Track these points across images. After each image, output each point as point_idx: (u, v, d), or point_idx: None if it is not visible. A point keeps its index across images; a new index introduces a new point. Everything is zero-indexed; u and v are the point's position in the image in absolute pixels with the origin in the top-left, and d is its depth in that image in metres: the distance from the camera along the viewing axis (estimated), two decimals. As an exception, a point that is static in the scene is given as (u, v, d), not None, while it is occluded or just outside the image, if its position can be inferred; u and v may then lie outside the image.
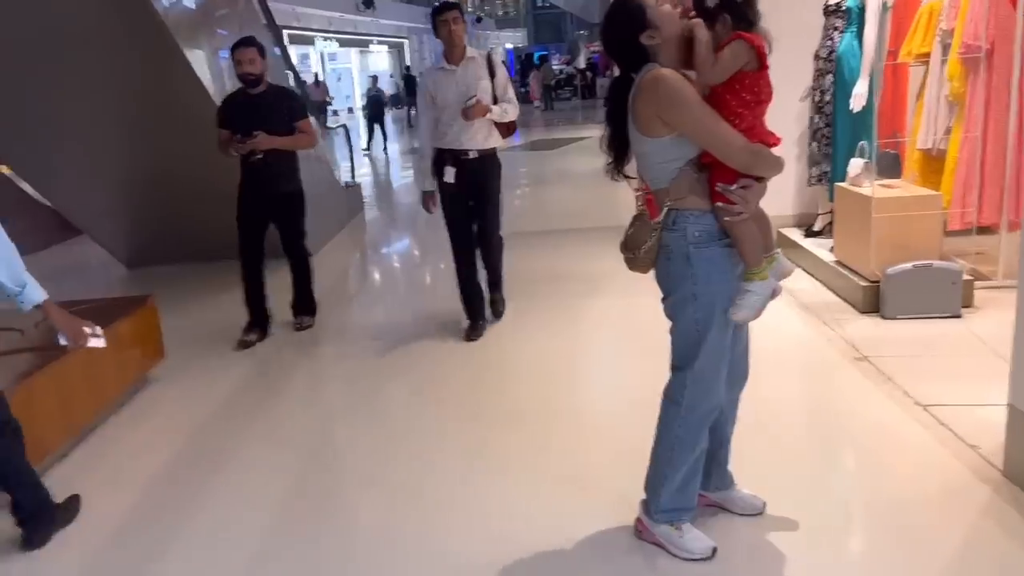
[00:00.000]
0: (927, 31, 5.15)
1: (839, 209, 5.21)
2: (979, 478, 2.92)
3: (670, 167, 2.37)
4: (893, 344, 4.23)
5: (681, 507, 2.60)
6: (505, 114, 4.65)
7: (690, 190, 2.36)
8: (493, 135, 4.68)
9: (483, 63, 4.63)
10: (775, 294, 2.48)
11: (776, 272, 2.56)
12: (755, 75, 2.28)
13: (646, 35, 2.30)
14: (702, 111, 2.27)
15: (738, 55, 2.24)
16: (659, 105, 2.28)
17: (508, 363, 4.51)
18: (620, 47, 2.38)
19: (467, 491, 3.13)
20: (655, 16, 2.28)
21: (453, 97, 4.53)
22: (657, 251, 2.44)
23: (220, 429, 3.88)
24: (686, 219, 2.38)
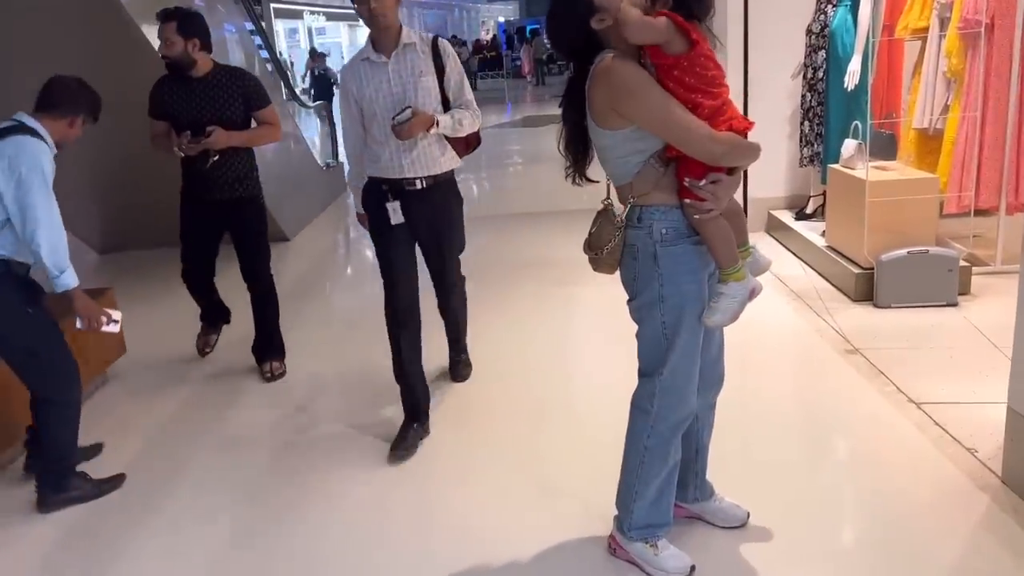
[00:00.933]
0: (924, 5, 4.91)
1: (831, 192, 5.00)
2: (977, 485, 2.75)
3: (632, 161, 2.17)
4: (887, 335, 4.05)
5: (655, 523, 2.42)
6: (459, 126, 3.24)
7: (655, 185, 2.16)
8: (447, 154, 3.30)
9: (426, 52, 3.19)
10: (754, 294, 2.27)
11: (752, 268, 2.37)
12: (690, 57, 2.05)
13: (595, 19, 2.09)
14: (659, 100, 2.06)
15: (660, 28, 2.01)
16: (613, 96, 2.08)
17: (480, 358, 4.31)
18: (570, 40, 2.18)
19: (428, 502, 2.96)
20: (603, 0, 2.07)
21: (386, 102, 3.14)
22: (622, 250, 2.24)
23: (178, 432, 3.69)
24: (652, 215, 2.18)
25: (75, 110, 3.01)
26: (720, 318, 2.22)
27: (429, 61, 3.20)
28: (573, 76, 2.26)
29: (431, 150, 3.23)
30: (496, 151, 12.45)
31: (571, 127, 2.27)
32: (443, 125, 3.18)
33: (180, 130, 3.84)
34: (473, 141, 3.41)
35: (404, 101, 3.11)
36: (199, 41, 3.82)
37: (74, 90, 3.03)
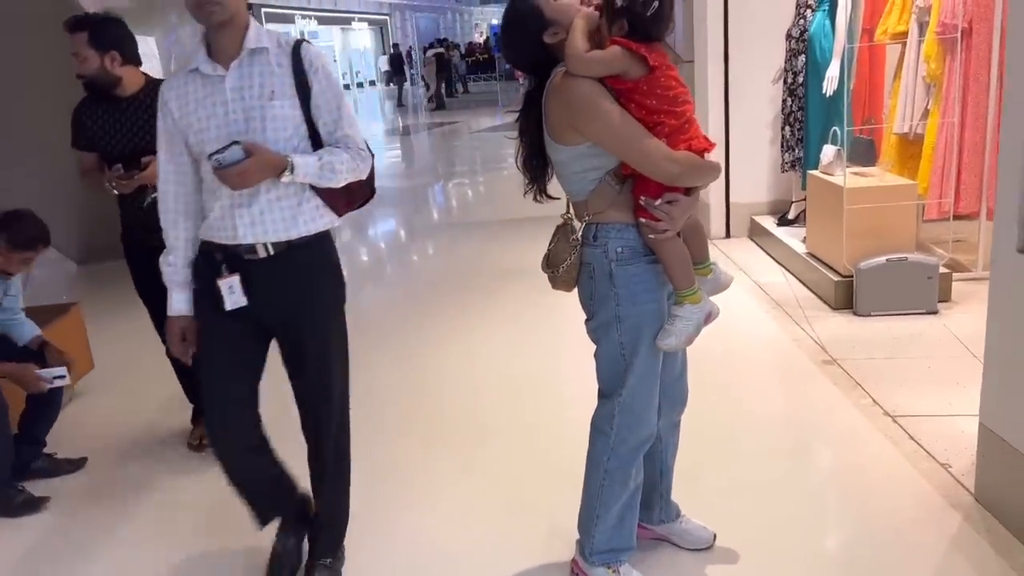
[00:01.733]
0: (903, 9, 4.86)
1: (811, 198, 4.95)
2: (950, 502, 2.69)
3: (588, 177, 2.11)
4: (865, 345, 3.99)
5: (618, 547, 2.36)
6: (331, 174, 2.23)
7: (611, 203, 2.10)
8: (312, 212, 2.29)
9: (284, 64, 2.20)
10: (710, 318, 2.21)
11: (712, 287, 2.31)
12: (649, 80, 1.98)
13: (549, 33, 2.03)
14: (615, 118, 1.99)
15: (612, 60, 1.96)
16: (568, 112, 2.02)
17: (444, 374, 4.25)
18: (526, 55, 2.13)
19: (391, 520, 2.89)
20: (553, 12, 2.02)
21: (219, 133, 2.17)
22: (579, 268, 2.18)
23: (144, 452, 3.62)
24: (607, 234, 2.11)
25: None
26: (674, 341, 2.15)
27: (287, 76, 2.18)
28: (530, 89, 2.20)
29: (282, 204, 2.21)
30: (489, 155, 12.41)
31: (529, 142, 2.21)
32: (302, 171, 2.15)
33: (111, 162, 3.21)
34: (360, 193, 2.43)
35: (247, 132, 2.15)
36: (119, 54, 3.14)
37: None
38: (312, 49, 2.25)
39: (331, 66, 2.32)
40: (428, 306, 5.35)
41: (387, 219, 8.76)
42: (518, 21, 2.09)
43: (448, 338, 4.67)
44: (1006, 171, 2.43)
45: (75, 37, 3.11)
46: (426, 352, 4.48)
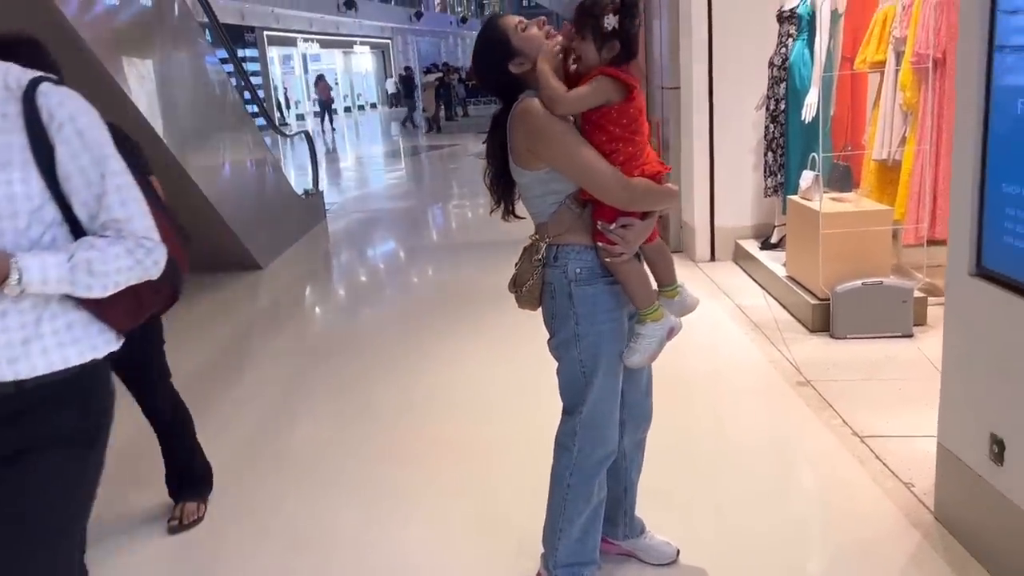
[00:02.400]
0: (881, 39, 4.97)
1: (791, 223, 5.04)
2: (910, 521, 2.74)
3: (549, 200, 2.19)
4: (839, 367, 4.05)
5: (581, 561, 2.41)
6: (93, 278, 1.54)
7: (571, 225, 2.18)
8: (70, 336, 1.61)
9: (9, 113, 1.49)
10: (672, 334, 2.28)
11: (678, 308, 2.38)
12: (621, 108, 2.08)
13: (514, 63, 2.11)
14: (572, 145, 2.07)
15: (600, 91, 2.05)
16: (529, 138, 2.10)
17: (442, 391, 4.31)
18: (494, 81, 2.19)
19: (368, 532, 2.94)
20: (520, 42, 2.10)
21: None
22: (541, 289, 2.25)
23: (133, 456, 3.67)
24: (567, 255, 2.19)
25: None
26: (639, 358, 2.22)
27: (17, 134, 1.50)
28: (497, 113, 2.27)
29: (6, 326, 1.53)
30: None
31: (495, 163, 2.27)
32: (38, 277, 1.48)
33: None
34: (155, 299, 1.85)
35: None
36: None
37: None
38: (56, 94, 1.53)
39: (89, 116, 1.58)
40: (414, 325, 5.42)
41: (385, 240, 8.86)
42: (486, 49, 2.17)
43: (429, 356, 4.74)
44: (957, 196, 2.51)
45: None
46: (409, 369, 4.54)
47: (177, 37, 5.98)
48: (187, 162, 5.71)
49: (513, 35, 2.11)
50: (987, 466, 2.42)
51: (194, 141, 6.14)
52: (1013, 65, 2.21)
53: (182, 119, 5.93)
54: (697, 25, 5.91)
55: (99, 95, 4.88)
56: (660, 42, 6.82)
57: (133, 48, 5.19)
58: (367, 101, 36.94)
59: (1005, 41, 2.24)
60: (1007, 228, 2.28)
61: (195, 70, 6.44)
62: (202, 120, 6.47)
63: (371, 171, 15.59)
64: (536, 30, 2.10)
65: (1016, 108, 2.20)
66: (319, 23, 30.17)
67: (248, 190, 7.53)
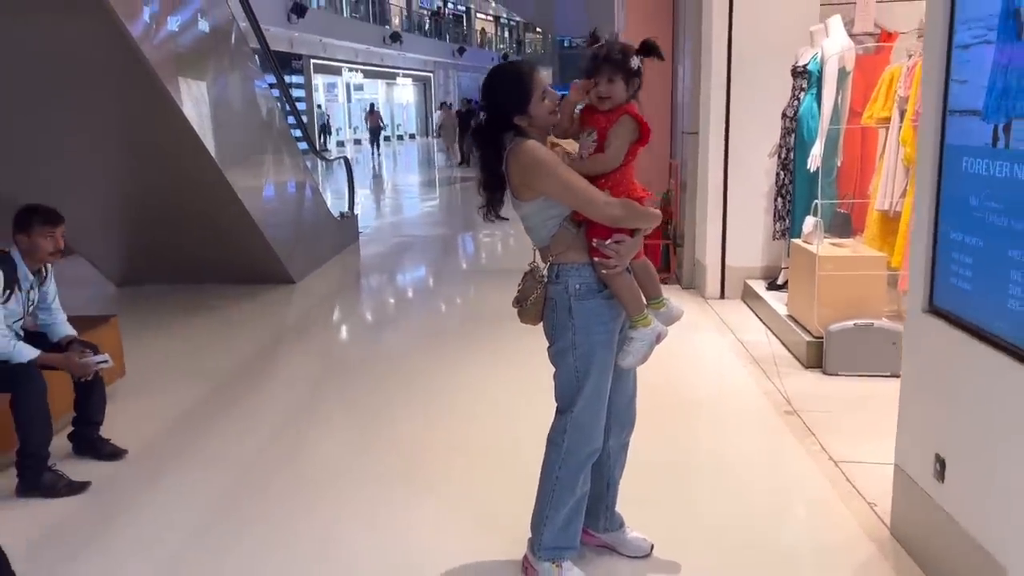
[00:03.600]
0: (887, 96, 5.28)
1: (792, 265, 5.33)
2: (868, 535, 3.01)
3: (549, 225, 2.53)
4: (826, 400, 4.33)
5: (563, 546, 2.71)
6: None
7: (569, 245, 2.52)
8: None
9: None
10: (660, 338, 2.59)
11: (664, 318, 2.69)
12: (632, 146, 2.45)
13: (520, 118, 2.47)
14: (563, 174, 2.42)
15: (629, 130, 2.44)
16: (523, 173, 2.46)
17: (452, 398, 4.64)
18: (498, 113, 2.51)
19: (376, 525, 3.26)
20: (536, 110, 2.46)
21: None
22: (543, 303, 2.58)
23: (164, 447, 4.04)
24: (567, 272, 2.52)
25: (14, 229, 3.64)
26: (632, 359, 2.55)
27: None
28: (484, 124, 2.55)
29: None
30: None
31: (487, 172, 2.56)
32: None
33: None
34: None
35: None
36: None
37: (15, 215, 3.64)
38: None
39: None
40: (434, 343, 5.78)
41: (392, 271, 9.26)
42: (510, 91, 2.48)
43: (446, 371, 5.08)
44: (916, 240, 2.81)
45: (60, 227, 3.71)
46: (427, 379, 4.88)
47: (231, 62, 6.44)
48: (234, 180, 6.15)
49: (535, 99, 2.45)
50: (932, 484, 2.69)
51: (241, 160, 6.59)
52: (961, 128, 2.52)
53: (231, 139, 6.38)
54: (716, 74, 6.28)
55: (156, 112, 5.34)
56: (683, 88, 7.19)
57: (190, 70, 5.64)
58: (406, 132, 37.80)
59: (955, 106, 2.56)
60: (953, 271, 2.57)
61: (245, 93, 6.92)
62: (249, 141, 6.94)
63: (406, 199, 16.08)
64: (549, 104, 2.47)
65: (962, 165, 2.50)
66: (364, 54, 31.02)
67: (288, 209, 7.98)
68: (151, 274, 7.41)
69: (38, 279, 3.77)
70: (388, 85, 36.70)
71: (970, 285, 2.48)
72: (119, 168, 6.26)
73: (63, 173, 6.10)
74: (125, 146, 5.99)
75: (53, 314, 3.88)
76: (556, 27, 40.09)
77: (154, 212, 6.61)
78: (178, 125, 5.46)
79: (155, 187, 6.31)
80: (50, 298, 3.87)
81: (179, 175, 6.13)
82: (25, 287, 3.67)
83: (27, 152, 5.83)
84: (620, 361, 2.58)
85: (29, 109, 5.39)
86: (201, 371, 5.12)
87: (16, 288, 3.61)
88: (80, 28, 4.67)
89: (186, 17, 5.62)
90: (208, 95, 5.96)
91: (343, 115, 33.11)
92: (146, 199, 6.52)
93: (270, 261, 7.19)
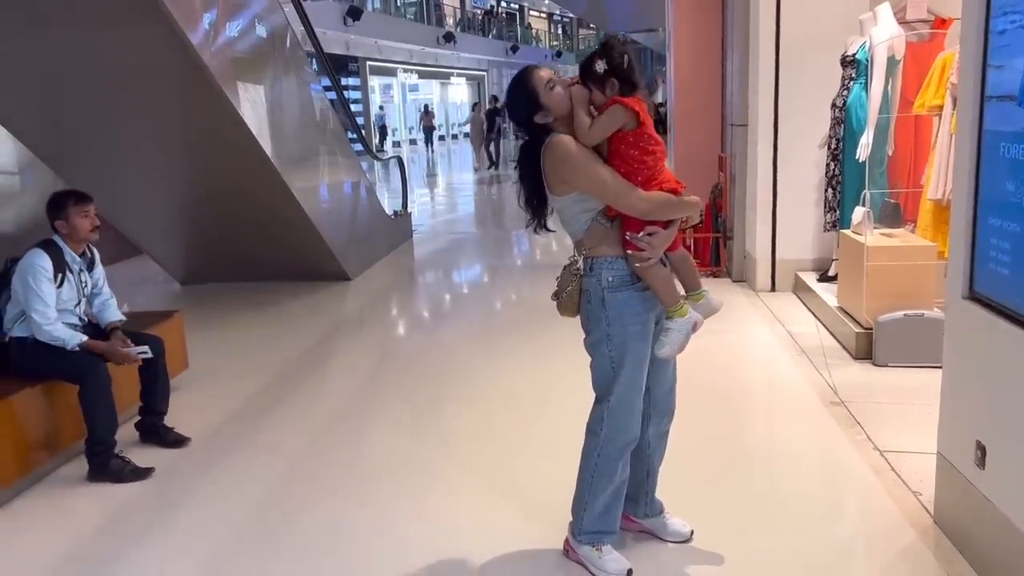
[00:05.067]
0: (940, 84, 5.20)
1: (842, 255, 5.29)
2: (910, 522, 3.01)
3: (582, 219, 2.60)
4: (874, 390, 4.30)
5: (602, 530, 2.78)
6: None
7: (603, 239, 2.58)
8: None
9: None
10: (696, 327, 2.64)
11: (703, 309, 2.73)
12: (637, 132, 2.49)
13: (539, 116, 2.55)
14: (593, 169, 2.50)
15: (615, 117, 2.48)
16: (556, 168, 2.54)
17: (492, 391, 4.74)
18: (523, 121, 2.60)
19: (417, 507, 3.37)
20: (548, 100, 2.53)
21: None
22: (579, 295, 2.65)
23: (224, 435, 4.22)
24: (601, 265, 2.59)
25: (51, 217, 3.80)
26: (669, 350, 2.61)
27: None
28: (525, 143, 2.67)
29: None
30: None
31: (528, 186, 2.68)
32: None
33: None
34: None
35: None
36: None
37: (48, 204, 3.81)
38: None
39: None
40: (486, 336, 5.90)
41: (443, 269, 9.39)
42: (518, 99, 2.58)
43: (497, 363, 5.18)
44: (956, 227, 2.81)
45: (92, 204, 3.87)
46: (479, 371, 5.00)
47: (287, 66, 6.64)
48: (291, 181, 6.35)
49: (542, 93, 2.53)
50: (973, 470, 2.69)
51: (297, 162, 6.80)
52: (998, 113, 2.52)
53: (287, 141, 6.59)
54: (764, 66, 6.25)
55: (216, 116, 5.56)
56: (731, 81, 7.16)
57: (248, 74, 5.85)
58: (461, 131, 38.09)
59: (992, 92, 2.55)
60: (992, 256, 2.57)
61: (301, 97, 7.12)
62: (305, 143, 7.15)
63: (460, 196, 16.25)
64: (561, 89, 2.53)
65: (999, 150, 2.50)
66: (419, 55, 31.41)
67: (343, 209, 8.19)
68: (213, 272, 7.68)
69: (85, 261, 3.94)
70: (442, 85, 37.06)
71: (1008, 270, 2.48)
72: (182, 171, 6.52)
73: (130, 176, 6.39)
74: (187, 150, 6.24)
75: (104, 298, 4.05)
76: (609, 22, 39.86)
77: (215, 213, 6.86)
78: (236, 128, 5.67)
79: (216, 189, 6.56)
80: (101, 282, 4.05)
81: (238, 177, 6.35)
82: (76, 269, 3.84)
83: (96, 158, 6.13)
84: (657, 351, 2.63)
85: (98, 118, 5.66)
86: (260, 364, 5.32)
87: (67, 271, 3.79)
88: (143, 37, 4.90)
89: (243, 23, 5.83)
90: (265, 98, 6.17)
91: (399, 115, 33.54)
92: (207, 201, 6.77)
93: (326, 259, 7.40)
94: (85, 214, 3.83)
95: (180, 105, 5.69)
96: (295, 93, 6.98)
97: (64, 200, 3.81)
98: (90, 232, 3.86)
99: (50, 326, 3.65)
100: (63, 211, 3.79)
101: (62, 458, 3.82)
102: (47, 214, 3.81)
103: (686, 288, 2.78)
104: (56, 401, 3.73)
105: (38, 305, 3.64)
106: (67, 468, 3.80)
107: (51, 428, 3.73)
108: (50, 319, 3.66)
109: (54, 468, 3.78)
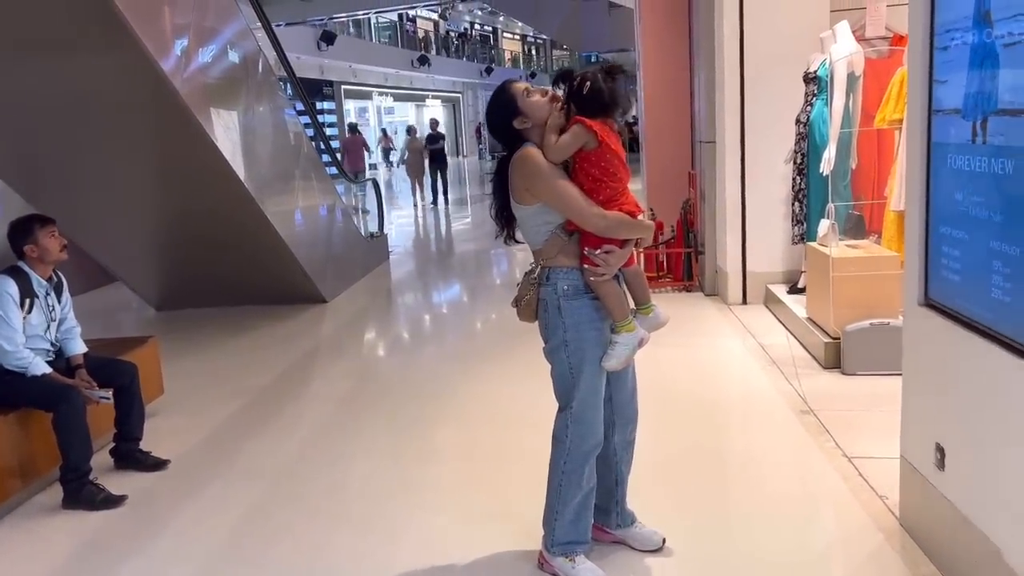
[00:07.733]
0: (899, 99, 5.33)
1: (809, 267, 5.40)
2: (877, 526, 3.07)
3: (542, 230, 2.68)
4: (843, 399, 4.39)
5: (574, 540, 2.82)
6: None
7: (560, 250, 2.66)
8: None
9: None
10: (642, 343, 2.72)
11: (651, 323, 2.81)
12: (598, 152, 2.57)
13: (517, 121, 2.64)
14: (558, 183, 2.58)
15: (577, 136, 2.56)
16: (524, 178, 2.61)
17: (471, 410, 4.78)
18: (501, 132, 2.70)
19: (389, 519, 3.40)
20: (525, 105, 2.62)
21: None
22: (537, 303, 2.72)
23: (201, 460, 4.22)
24: (557, 275, 2.67)
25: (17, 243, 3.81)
26: (615, 362, 2.68)
27: None
28: (502, 157, 2.76)
29: None
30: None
31: (500, 198, 2.78)
32: None
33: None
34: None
35: None
36: None
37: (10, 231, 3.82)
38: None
39: None
40: (463, 354, 5.93)
41: (419, 290, 9.42)
42: (497, 108, 2.69)
43: (474, 382, 5.22)
44: (910, 235, 2.90)
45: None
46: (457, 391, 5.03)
47: (260, 91, 6.69)
48: (265, 205, 6.38)
49: (520, 99, 2.63)
50: (933, 472, 2.76)
51: (272, 186, 6.83)
52: (945, 126, 2.62)
53: (262, 166, 6.63)
54: (730, 83, 6.38)
55: (189, 142, 5.59)
56: (699, 99, 7.30)
57: (221, 100, 5.89)
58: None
59: (938, 106, 2.65)
60: (944, 264, 2.66)
61: (275, 121, 7.17)
62: (279, 167, 7.18)
63: (435, 217, 16.31)
64: (539, 97, 2.62)
65: (947, 162, 2.60)
66: (394, 78, 31.53)
67: (318, 231, 8.22)
68: (188, 297, 7.67)
69: (51, 285, 3.93)
70: (418, 107, 37.19)
71: (959, 277, 2.57)
72: (155, 198, 6.54)
73: (103, 203, 6.39)
74: (160, 176, 6.26)
75: (69, 326, 4.03)
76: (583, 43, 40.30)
77: (190, 238, 6.87)
78: (210, 154, 5.70)
79: (190, 214, 6.57)
80: (67, 309, 4.03)
81: (212, 202, 6.37)
82: (42, 294, 3.84)
83: (68, 186, 6.13)
84: (603, 363, 2.70)
85: (70, 143, 5.68)
86: (237, 388, 5.32)
87: (35, 297, 3.79)
88: (114, 65, 4.93)
89: (215, 49, 5.87)
90: (238, 124, 6.20)
91: (374, 139, 33.60)
92: (182, 226, 6.78)
93: (302, 282, 7.42)
94: (52, 234, 3.85)
95: (153, 132, 5.72)
96: (268, 118, 7.02)
97: (30, 225, 3.83)
98: (60, 252, 3.87)
99: (17, 352, 3.66)
100: (31, 235, 3.80)
101: (37, 486, 3.81)
102: (10, 242, 3.81)
103: (636, 302, 2.85)
104: (31, 429, 3.72)
105: (5, 331, 3.65)
106: (42, 496, 3.79)
107: (25, 456, 3.71)
108: (17, 344, 3.67)
109: (28, 496, 3.77)
